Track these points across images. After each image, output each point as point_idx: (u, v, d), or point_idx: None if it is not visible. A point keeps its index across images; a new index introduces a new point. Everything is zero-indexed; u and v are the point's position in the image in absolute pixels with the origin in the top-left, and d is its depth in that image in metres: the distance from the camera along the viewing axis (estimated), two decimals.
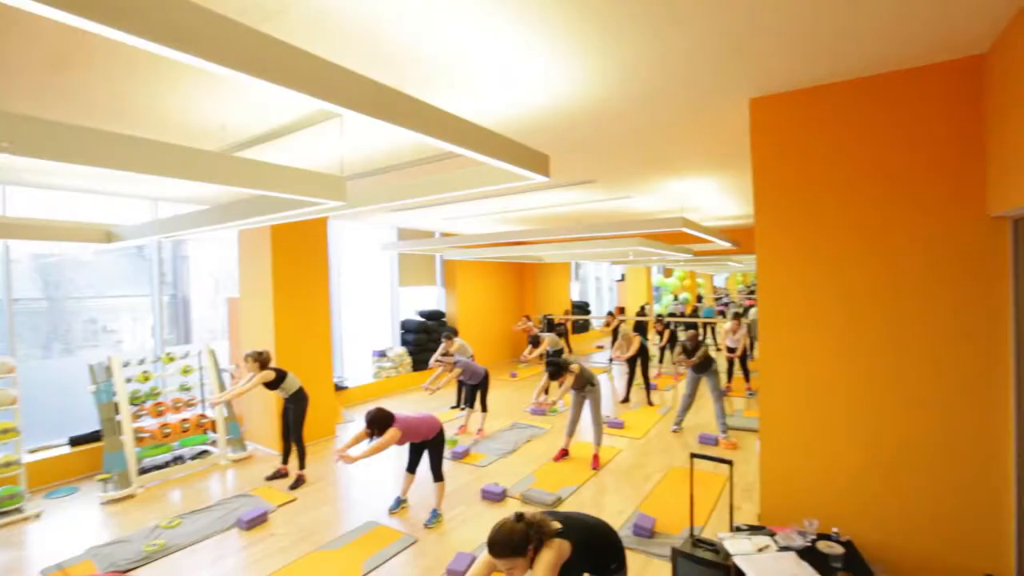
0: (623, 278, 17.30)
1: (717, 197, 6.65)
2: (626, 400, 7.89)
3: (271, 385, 4.88)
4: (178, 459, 5.39)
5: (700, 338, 6.32)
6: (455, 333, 7.95)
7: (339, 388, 7.81)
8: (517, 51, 2.36)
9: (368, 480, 5.06)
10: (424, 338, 9.44)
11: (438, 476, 4.18)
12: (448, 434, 6.15)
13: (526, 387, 9.04)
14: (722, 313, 13.59)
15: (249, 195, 4.76)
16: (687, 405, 6.30)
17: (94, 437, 5.30)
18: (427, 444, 4.16)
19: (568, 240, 8.27)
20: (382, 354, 8.89)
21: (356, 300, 8.76)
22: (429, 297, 10.46)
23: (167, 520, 4.20)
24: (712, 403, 6.21)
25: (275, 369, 4.89)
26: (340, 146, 3.72)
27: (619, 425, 6.52)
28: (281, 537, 3.96)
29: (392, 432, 3.72)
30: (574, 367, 5.16)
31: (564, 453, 5.47)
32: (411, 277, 9.83)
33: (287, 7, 1.93)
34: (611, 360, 10.90)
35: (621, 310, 12.08)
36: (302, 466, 4.98)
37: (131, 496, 4.75)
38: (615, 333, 10.44)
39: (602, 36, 2.23)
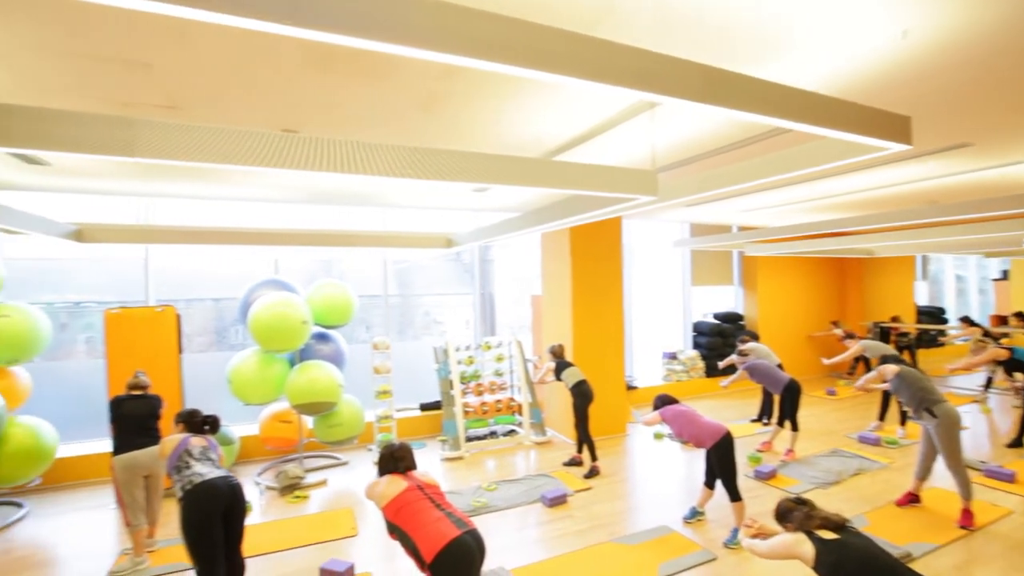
0: (1005, 276, 12.68)
1: None
2: (1017, 444, 5.69)
3: (556, 375, 5.26)
4: (492, 434, 6.25)
5: None
6: (754, 337, 7.13)
7: (629, 388, 7.88)
8: None
9: (660, 484, 4.91)
10: (718, 342, 8.77)
11: (733, 495, 3.74)
12: (748, 450, 5.50)
13: (847, 407, 7.47)
14: None
15: (558, 199, 5.17)
16: None
17: (436, 406, 6.60)
18: (711, 455, 3.82)
19: (916, 227, 6.45)
20: (672, 356, 8.62)
21: (646, 300, 8.72)
22: (725, 298, 9.68)
23: (487, 483, 4.89)
24: None
25: (556, 360, 5.29)
26: (649, 139, 3.64)
27: (1005, 477, 4.72)
28: (578, 521, 4.15)
29: (654, 415, 4.09)
30: (887, 369, 4.15)
31: (911, 498, 4.24)
32: (705, 276, 9.26)
33: (610, 10, 1.95)
34: (986, 386, 8.11)
35: (1002, 319, 8.89)
36: (594, 458, 5.15)
37: (460, 458, 5.72)
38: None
39: None
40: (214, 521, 2.68)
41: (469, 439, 6.03)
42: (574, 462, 5.38)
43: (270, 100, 2.69)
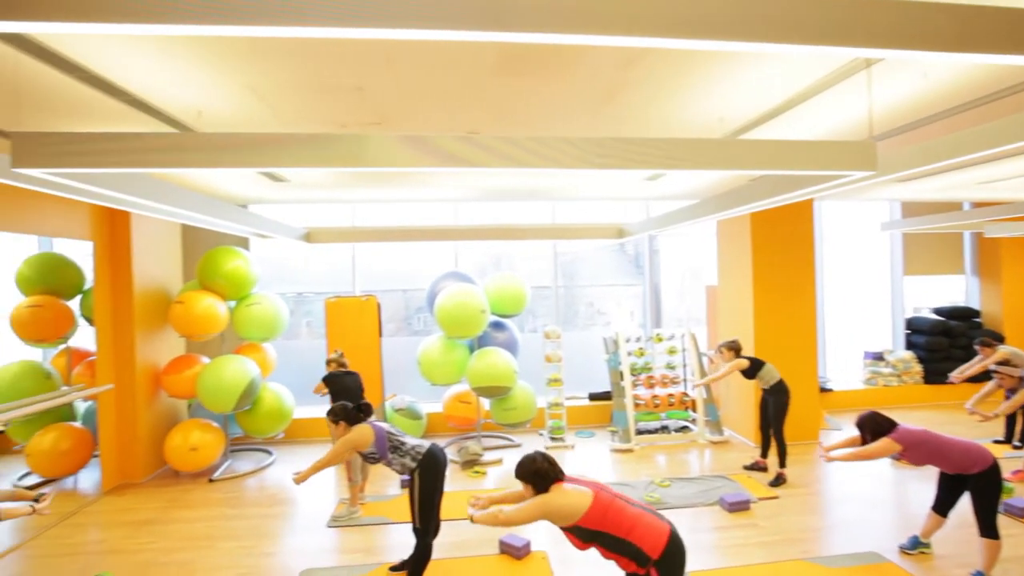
0: None
1: None
2: None
3: (748, 373, 4.81)
4: (664, 428, 6.04)
5: None
6: (998, 339, 5.80)
7: (822, 390, 6.98)
8: None
9: (863, 503, 4.28)
10: (942, 342, 7.30)
11: (987, 530, 3.05)
12: None
13: None
14: None
15: (739, 182, 4.77)
16: None
17: (605, 396, 6.58)
18: (966, 481, 3.10)
19: None
20: (878, 357, 7.41)
21: (844, 291, 7.62)
22: (951, 290, 8.02)
23: (660, 479, 4.75)
24: None
25: (749, 358, 4.79)
26: (863, 105, 3.08)
27: None
28: (763, 531, 3.82)
29: (885, 443, 3.03)
30: None
31: None
32: (921, 264, 7.77)
33: None
34: None
35: None
36: (783, 464, 4.68)
37: (630, 450, 5.64)
38: None
39: None
40: (441, 483, 3.10)
41: (639, 432, 5.91)
42: (757, 467, 4.95)
43: (458, 106, 2.92)
